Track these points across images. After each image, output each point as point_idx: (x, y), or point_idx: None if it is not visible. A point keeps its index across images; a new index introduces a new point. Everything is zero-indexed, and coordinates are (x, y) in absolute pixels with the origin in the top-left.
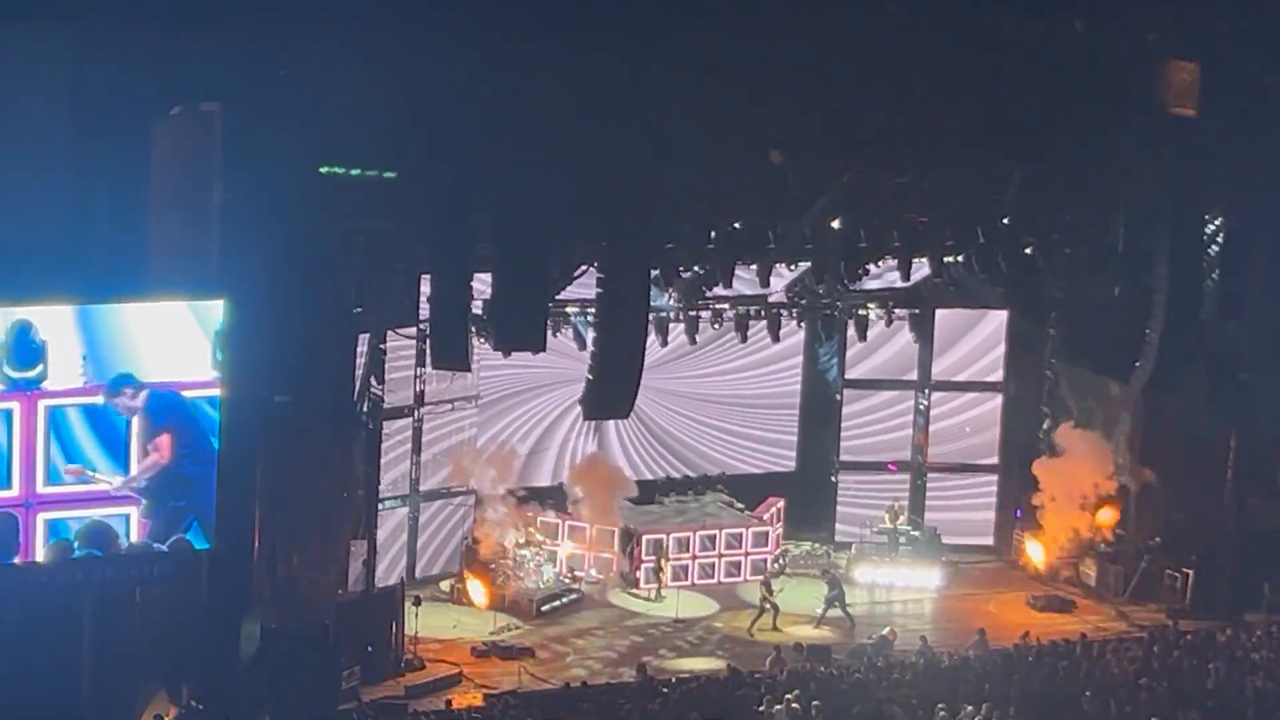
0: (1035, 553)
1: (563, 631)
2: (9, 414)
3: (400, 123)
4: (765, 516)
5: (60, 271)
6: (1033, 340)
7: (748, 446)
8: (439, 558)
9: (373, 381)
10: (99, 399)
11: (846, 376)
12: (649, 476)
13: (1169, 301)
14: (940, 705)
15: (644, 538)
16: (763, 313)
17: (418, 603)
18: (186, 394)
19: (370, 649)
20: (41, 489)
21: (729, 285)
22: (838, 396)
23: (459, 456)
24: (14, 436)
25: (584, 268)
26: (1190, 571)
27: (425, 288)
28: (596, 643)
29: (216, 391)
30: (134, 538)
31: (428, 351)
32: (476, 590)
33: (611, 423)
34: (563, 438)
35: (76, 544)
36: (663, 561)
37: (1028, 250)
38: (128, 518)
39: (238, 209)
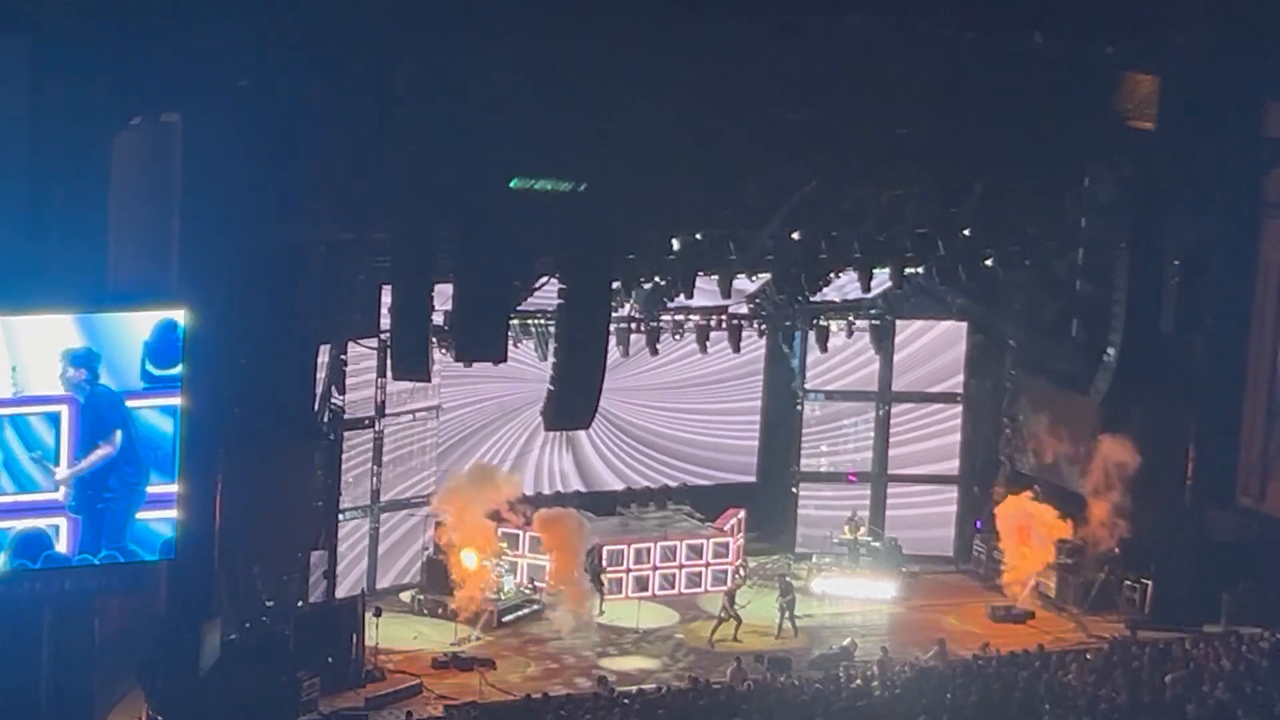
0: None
1: (523, 642)
2: None
3: (361, 133)
4: (726, 527)
5: (19, 282)
6: (993, 351)
7: (708, 456)
8: (399, 569)
9: (333, 392)
10: (30, 410)
11: (807, 387)
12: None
13: (1128, 314)
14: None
15: (604, 549)
16: (723, 323)
17: (378, 613)
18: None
19: (330, 660)
20: None
21: (690, 296)
22: (798, 406)
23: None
24: None
25: (545, 278)
26: (1149, 582)
27: (386, 298)
28: (557, 653)
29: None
30: (64, 548)
31: (388, 362)
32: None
33: (583, 432)
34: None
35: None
36: (601, 575)
37: (988, 262)
38: (57, 528)
39: (197, 219)
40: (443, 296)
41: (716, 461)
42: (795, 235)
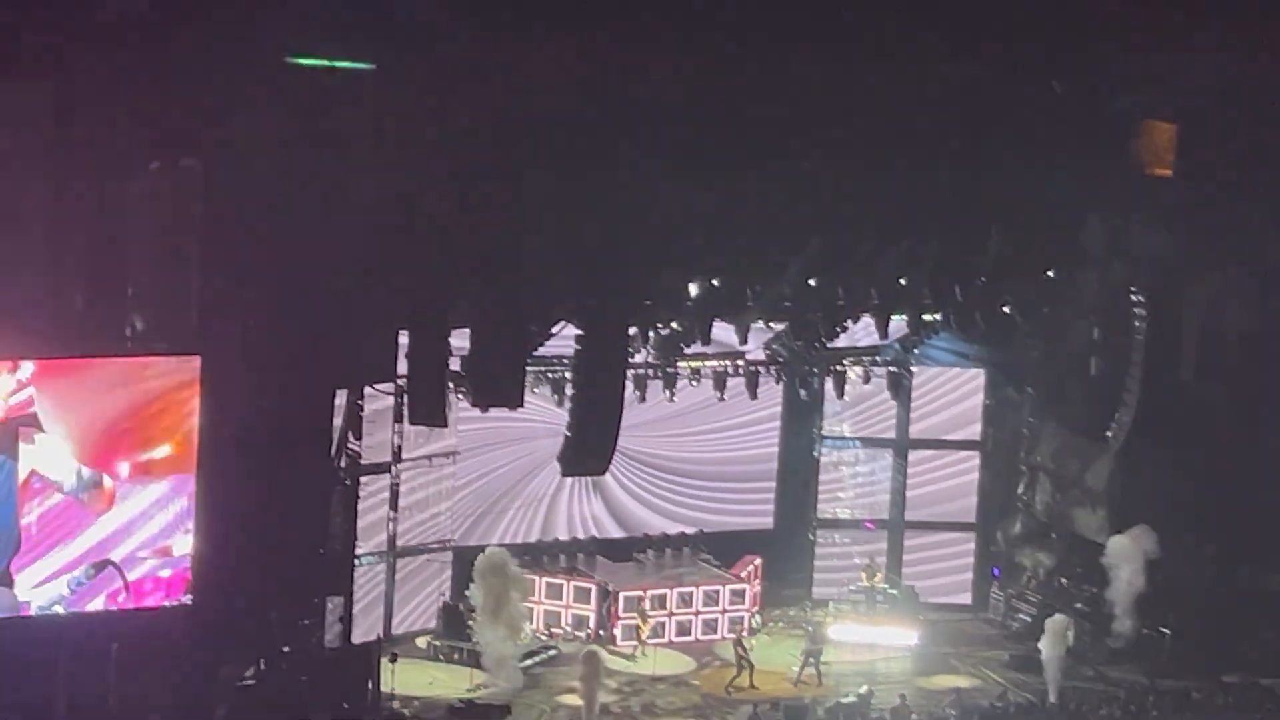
0: None
1: (540, 689)
2: None
3: (381, 179)
4: (743, 574)
5: (38, 327)
6: (1010, 398)
7: (724, 503)
8: (416, 614)
9: (350, 437)
10: None
11: (825, 434)
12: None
13: (1146, 362)
14: None
15: (621, 595)
16: (741, 369)
17: (394, 659)
18: None
19: (346, 705)
20: None
21: (707, 342)
22: (815, 454)
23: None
24: None
25: (562, 324)
26: (1168, 631)
27: (403, 343)
28: (573, 700)
29: None
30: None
31: (405, 408)
32: None
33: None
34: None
35: None
36: (642, 621)
37: (1005, 309)
38: None
39: (216, 265)
40: (460, 342)
41: (732, 508)
42: (813, 282)
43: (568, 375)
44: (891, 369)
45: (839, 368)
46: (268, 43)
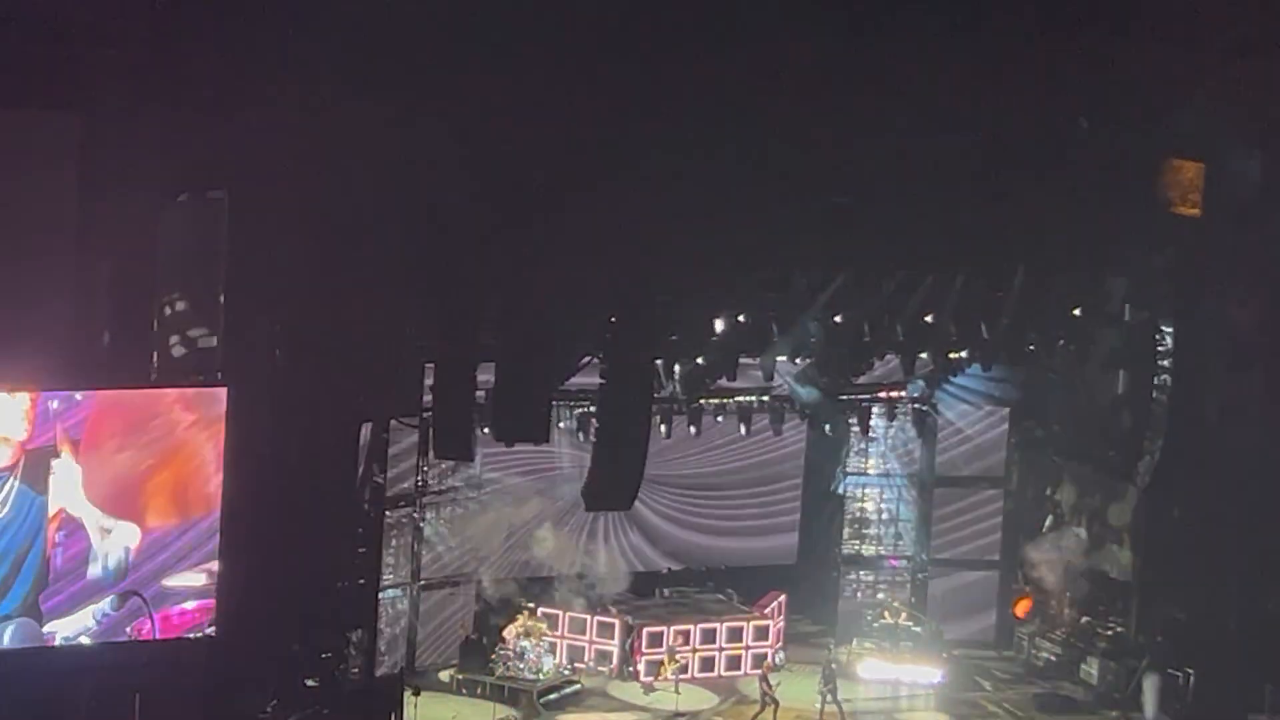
0: None
1: None
2: None
3: (406, 212)
4: (767, 610)
5: (66, 359)
6: (1035, 437)
7: (748, 539)
8: (439, 648)
9: (375, 470)
10: None
11: (849, 470)
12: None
13: (1172, 401)
14: None
15: (644, 631)
16: (766, 405)
17: (417, 692)
18: None
19: None
20: None
21: (733, 378)
22: (840, 490)
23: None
24: None
25: (587, 359)
26: (1193, 672)
27: (429, 377)
28: None
29: None
30: None
31: (431, 441)
32: None
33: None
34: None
35: None
36: (668, 659)
37: (1031, 347)
38: None
39: (242, 297)
40: (486, 376)
41: (756, 544)
42: (838, 318)
43: (593, 409)
44: (916, 406)
45: (864, 404)
46: (296, 75)
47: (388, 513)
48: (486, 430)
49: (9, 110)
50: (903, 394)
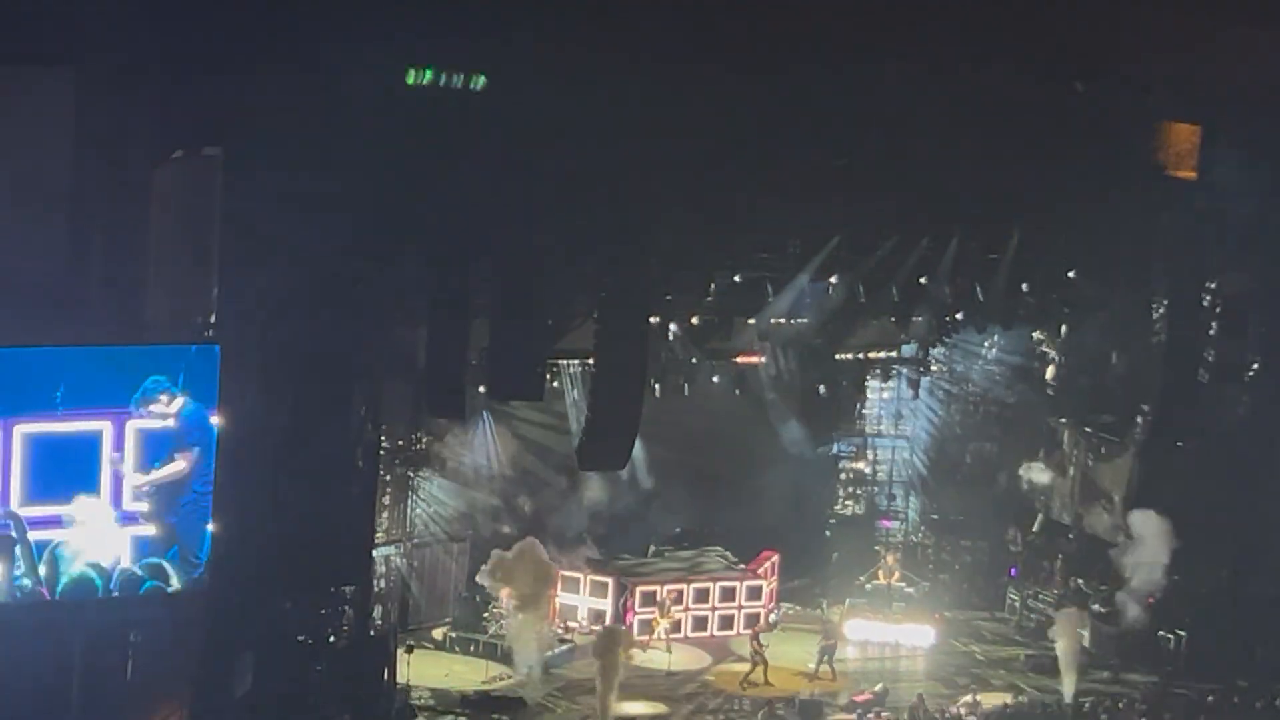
0: None
1: (555, 682)
2: None
3: (402, 170)
4: (760, 570)
5: (56, 314)
6: (1031, 398)
7: (743, 499)
8: (432, 605)
9: (369, 427)
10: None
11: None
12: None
13: (1166, 364)
14: None
15: (637, 589)
16: (760, 365)
17: (410, 650)
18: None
19: (361, 695)
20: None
21: (728, 338)
22: (834, 450)
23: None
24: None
25: (582, 318)
26: (1184, 634)
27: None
28: (589, 693)
29: None
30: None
31: (424, 399)
32: None
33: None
34: None
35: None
36: (659, 616)
37: (1025, 310)
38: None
39: (236, 254)
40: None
41: (751, 504)
42: (833, 279)
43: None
44: (910, 368)
45: (857, 365)
46: (292, 32)
47: (383, 470)
48: (483, 389)
49: (4, 66)
50: (896, 355)
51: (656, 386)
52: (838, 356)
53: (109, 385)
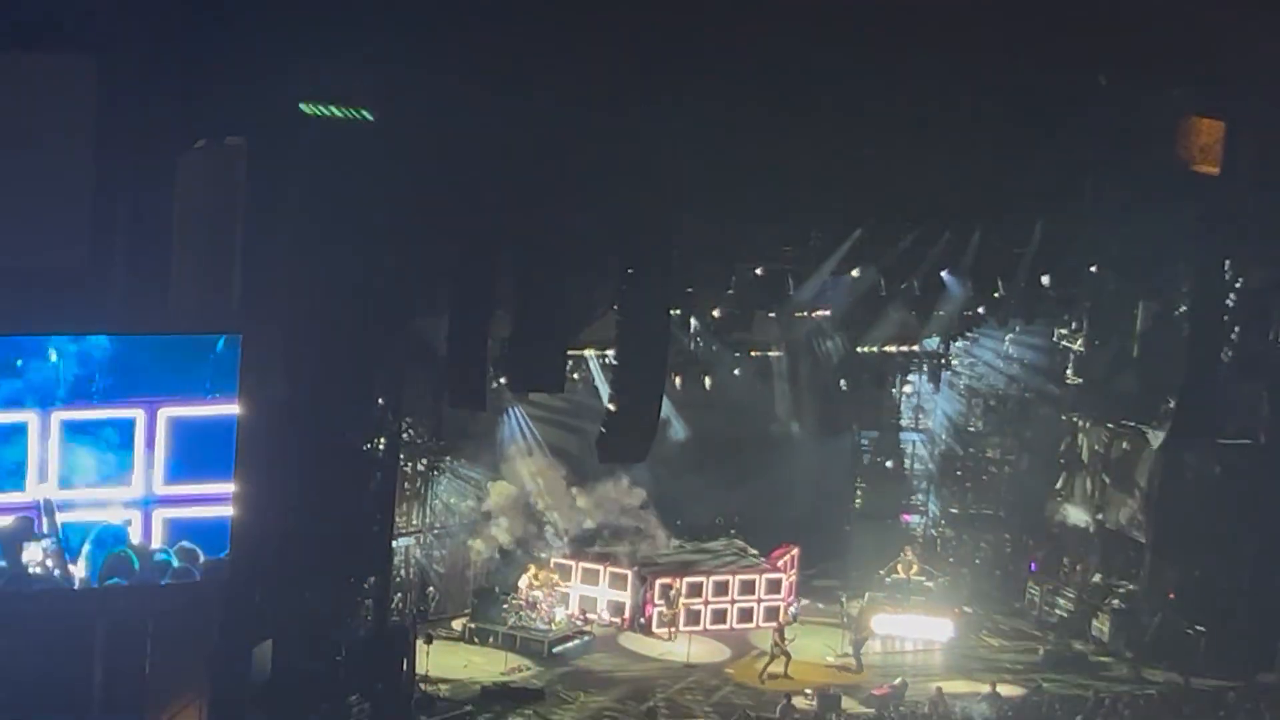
0: None
1: (573, 673)
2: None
3: (426, 162)
4: (779, 563)
5: (80, 303)
6: (1049, 393)
7: (762, 492)
8: (452, 596)
9: (390, 418)
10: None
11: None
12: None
13: (1188, 359)
14: None
15: (657, 582)
16: (781, 358)
17: (429, 640)
18: None
19: (380, 686)
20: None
21: (748, 330)
22: (854, 444)
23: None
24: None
25: (604, 310)
26: (1204, 629)
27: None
28: (607, 686)
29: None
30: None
31: (446, 390)
32: None
33: None
34: None
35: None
36: (667, 606)
37: (1048, 303)
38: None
39: (259, 244)
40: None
41: (771, 497)
42: (855, 273)
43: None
44: (931, 362)
45: (878, 359)
46: (314, 25)
47: (403, 460)
48: (502, 380)
49: (28, 54)
50: (918, 349)
51: (678, 379)
52: (859, 350)
53: (143, 373)
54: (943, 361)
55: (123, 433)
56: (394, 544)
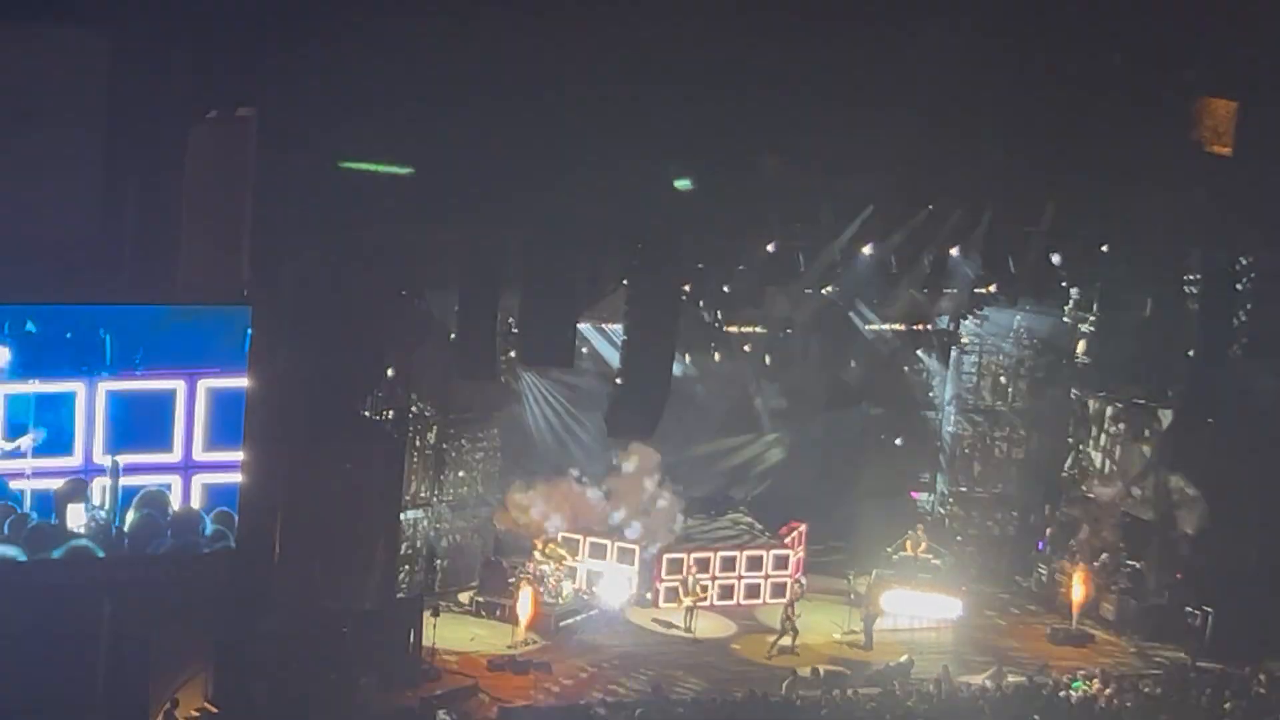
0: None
1: (579, 648)
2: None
3: (436, 138)
4: (787, 539)
5: (90, 273)
6: (1058, 370)
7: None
8: (459, 569)
9: (399, 391)
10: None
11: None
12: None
13: (1199, 338)
14: None
15: (664, 557)
16: (792, 334)
17: (436, 613)
18: None
19: (387, 658)
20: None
21: (758, 307)
22: (863, 421)
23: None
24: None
25: (613, 285)
26: (1211, 611)
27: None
28: (613, 660)
29: None
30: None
31: (456, 362)
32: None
33: None
34: None
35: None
36: (683, 591)
37: (1058, 282)
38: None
39: (269, 216)
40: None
41: (779, 474)
42: (866, 250)
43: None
44: (941, 340)
45: (888, 336)
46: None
47: (412, 433)
48: (512, 353)
49: (38, 26)
50: (928, 327)
51: (686, 356)
52: (868, 327)
53: (184, 346)
54: (952, 339)
55: (164, 402)
56: (402, 517)
